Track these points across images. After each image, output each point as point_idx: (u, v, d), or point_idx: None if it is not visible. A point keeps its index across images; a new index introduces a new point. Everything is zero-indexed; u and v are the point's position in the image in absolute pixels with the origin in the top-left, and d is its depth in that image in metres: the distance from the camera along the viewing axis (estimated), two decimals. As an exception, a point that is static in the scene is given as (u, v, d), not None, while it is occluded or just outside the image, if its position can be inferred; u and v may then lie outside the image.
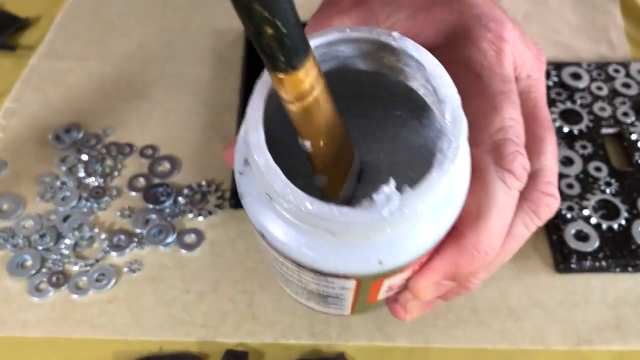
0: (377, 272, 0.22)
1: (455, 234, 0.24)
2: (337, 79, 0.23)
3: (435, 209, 0.21)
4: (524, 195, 0.26)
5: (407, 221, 0.20)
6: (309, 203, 0.19)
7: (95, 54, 0.48)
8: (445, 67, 0.26)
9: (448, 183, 0.20)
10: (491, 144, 0.25)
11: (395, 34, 0.22)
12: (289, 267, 0.23)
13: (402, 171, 0.26)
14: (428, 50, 0.25)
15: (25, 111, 0.45)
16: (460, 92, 0.23)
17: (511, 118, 0.26)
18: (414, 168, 0.26)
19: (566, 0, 0.51)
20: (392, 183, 0.20)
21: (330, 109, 0.22)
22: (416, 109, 0.25)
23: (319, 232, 0.21)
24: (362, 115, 0.27)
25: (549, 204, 0.27)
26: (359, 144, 0.27)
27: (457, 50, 0.27)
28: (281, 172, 0.20)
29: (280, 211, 0.21)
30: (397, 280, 0.24)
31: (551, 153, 0.28)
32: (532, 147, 0.27)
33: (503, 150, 0.25)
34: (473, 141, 0.23)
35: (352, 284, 0.23)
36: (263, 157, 0.20)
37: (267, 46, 0.19)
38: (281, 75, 0.20)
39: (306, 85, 0.20)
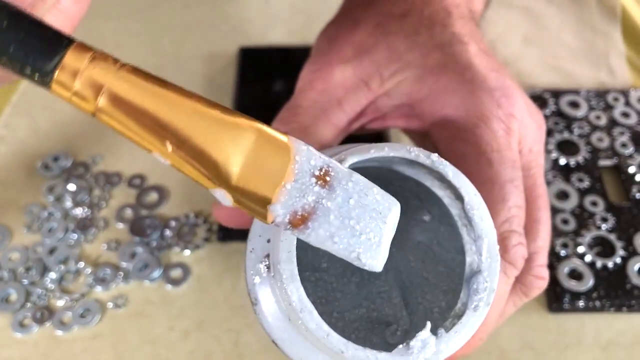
0: None
1: None
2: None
3: (462, 343, 0.21)
4: (518, 278, 0.27)
5: (440, 352, 0.20)
6: (345, 348, 0.19)
7: (86, 77, 0.48)
8: (454, 142, 0.26)
9: (479, 323, 0.21)
10: (497, 236, 0.25)
11: (435, 156, 0.22)
12: None
13: (417, 270, 0.26)
14: (435, 120, 0.24)
15: (14, 138, 0.45)
16: (469, 170, 0.23)
17: (517, 206, 0.26)
18: (426, 267, 0.26)
19: (566, 23, 0.51)
20: (428, 327, 0.20)
21: (154, 98, 0.18)
22: (430, 205, 0.24)
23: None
24: None
25: (540, 287, 0.28)
26: None
27: (467, 127, 0.27)
28: (317, 314, 0.19)
29: (305, 335, 0.20)
30: None
31: (545, 234, 0.28)
32: (529, 229, 0.27)
33: (508, 243, 0.25)
34: None
35: None
36: (297, 294, 0.20)
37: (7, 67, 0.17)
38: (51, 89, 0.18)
39: (76, 93, 0.18)
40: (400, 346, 0.19)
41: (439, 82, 0.28)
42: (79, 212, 0.40)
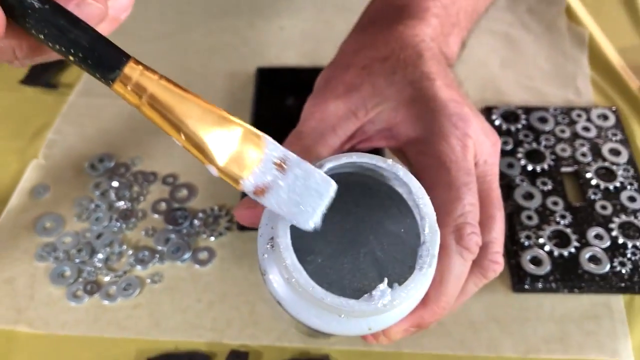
0: (365, 333, 0.29)
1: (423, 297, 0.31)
2: (346, 176, 0.30)
3: (415, 296, 0.28)
4: (477, 262, 0.34)
5: (395, 307, 0.27)
6: (326, 296, 0.26)
7: (125, 92, 0.56)
8: (422, 157, 0.33)
9: (426, 281, 0.28)
10: (454, 226, 0.32)
11: (390, 161, 0.29)
12: (296, 321, 0.30)
13: (386, 245, 0.33)
14: (407, 140, 0.32)
15: (65, 142, 0.53)
16: (431, 179, 0.30)
17: (470, 204, 0.33)
18: (395, 249, 0.33)
19: (540, 49, 0.58)
20: (385, 282, 0.27)
21: (177, 100, 0.26)
22: (397, 201, 0.31)
23: (328, 310, 0.28)
24: (355, 205, 0.33)
25: (495, 270, 0.34)
26: (353, 228, 0.33)
27: (431, 144, 0.34)
28: (305, 273, 0.27)
29: (300, 293, 0.27)
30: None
31: (499, 228, 0.35)
32: (485, 223, 0.34)
33: (463, 232, 0.32)
34: (440, 222, 0.29)
35: (343, 337, 0.30)
36: (290, 257, 0.27)
37: (83, 69, 0.25)
38: (112, 87, 0.25)
39: (130, 93, 0.25)
40: (365, 295, 0.27)
41: (410, 111, 0.35)
42: (121, 204, 0.48)
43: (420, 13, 0.39)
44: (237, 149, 0.26)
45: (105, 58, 0.25)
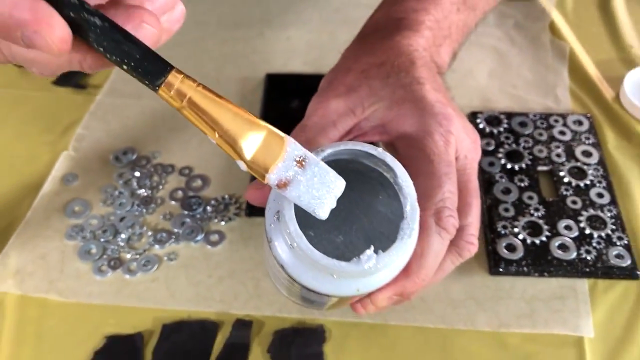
0: (354, 295, 0.34)
1: (405, 267, 0.36)
2: (343, 163, 0.34)
3: (397, 262, 0.34)
4: (454, 242, 0.38)
5: (379, 270, 0.33)
6: (322, 259, 0.31)
7: (147, 93, 0.61)
8: (409, 149, 0.38)
9: (406, 250, 0.33)
10: (434, 210, 0.37)
11: (380, 149, 0.34)
12: (292, 283, 0.35)
13: (376, 224, 0.38)
14: (398, 135, 0.37)
15: (92, 137, 0.58)
16: (417, 169, 0.35)
17: (449, 191, 0.37)
18: (383, 226, 0.38)
19: (525, 61, 0.63)
20: (372, 248, 0.32)
21: (212, 105, 0.29)
22: (386, 187, 0.36)
23: (322, 271, 0.33)
24: (350, 188, 0.38)
25: (470, 250, 0.39)
26: (348, 209, 0.38)
27: (418, 139, 0.39)
28: (305, 239, 0.31)
29: (299, 257, 0.33)
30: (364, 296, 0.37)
31: (475, 214, 0.40)
32: (462, 209, 0.39)
33: (442, 215, 0.37)
34: (422, 206, 0.34)
35: (335, 299, 0.36)
36: (293, 225, 0.32)
37: (134, 77, 0.29)
38: (158, 93, 0.30)
39: (173, 97, 0.29)
40: (354, 259, 0.32)
41: (401, 110, 0.40)
42: (142, 192, 0.54)
43: (415, 26, 0.45)
44: (262, 147, 0.31)
45: (152, 68, 0.29)
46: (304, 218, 0.33)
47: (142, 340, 0.45)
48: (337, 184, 0.32)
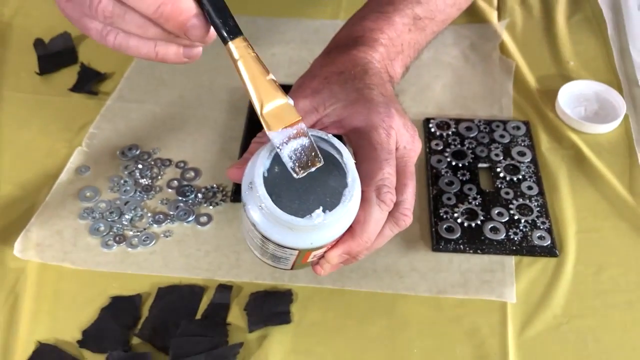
0: (309, 248, 0.43)
1: (351, 230, 0.45)
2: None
3: (341, 221, 0.43)
4: (392, 214, 0.47)
5: (327, 226, 0.42)
6: (282, 215, 0.40)
7: (150, 99, 0.72)
8: (359, 140, 0.48)
9: (348, 212, 0.42)
10: (375, 186, 0.45)
11: (330, 135, 0.44)
12: (263, 241, 0.44)
13: (328, 196, 0.48)
14: (351, 128, 0.47)
15: (102, 135, 0.68)
16: (363, 155, 0.45)
17: (389, 173, 0.46)
18: (333, 197, 0.47)
19: (475, 76, 0.73)
20: (321, 208, 0.41)
21: (257, 67, 0.40)
22: (337, 166, 0.46)
23: (284, 227, 0.42)
24: None
25: (404, 220, 0.48)
26: (308, 182, 0.47)
27: (365, 132, 0.48)
28: (271, 201, 0.40)
29: (266, 215, 0.42)
30: (319, 252, 0.46)
31: (410, 192, 0.48)
32: (400, 188, 0.48)
33: (381, 190, 0.45)
34: (366, 184, 0.43)
35: (295, 252, 0.44)
36: (262, 190, 0.41)
37: (218, 34, 0.40)
38: (228, 46, 0.39)
39: (233, 52, 0.39)
40: (307, 216, 0.41)
41: (353, 109, 0.50)
42: (143, 181, 0.63)
43: (371, 42, 0.55)
44: (278, 110, 0.40)
45: (232, 30, 0.40)
46: (270, 187, 0.42)
47: (141, 300, 0.54)
48: (317, 160, 0.41)
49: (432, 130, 0.66)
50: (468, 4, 0.69)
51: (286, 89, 0.72)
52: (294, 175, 0.41)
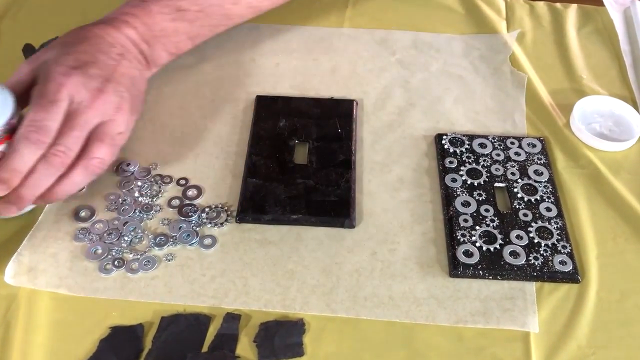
0: None
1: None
2: None
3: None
4: (80, 160, 0.54)
5: None
6: None
7: (149, 111, 0.68)
8: (37, 87, 0.54)
9: None
10: (27, 124, 0.52)
11: (2, 85, 0.55)
12: None
13: None
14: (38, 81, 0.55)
15: (98, 149, 0.65)
16: (33, 100, 0.54)
17: (42, 117, 0.52)
18: None
19: (487, 89, 0.71)
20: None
21: None
22: None
23: None
24: None
25: (90, 167, 0.55)
26: None
27: (41, 81, 0.54)
28: None
29: None
30: None
31: (67, 138, 0.53)
32: (59, 135, 0.53)
33: (28, 128, 0.52)
34: (24, 124, 0.52)
35: None
36: None
37: None
38: None
39: None
40: None
41: (50, 66, 0.56)
42: (143, 200, 0.60)
43: (117, 23, 0.61)
44: None
45: None
46: None
47: (143, 331, 0.51)
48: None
49: (446, 146, 0.64)
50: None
51: (292, 100, 0.70)
52: None
